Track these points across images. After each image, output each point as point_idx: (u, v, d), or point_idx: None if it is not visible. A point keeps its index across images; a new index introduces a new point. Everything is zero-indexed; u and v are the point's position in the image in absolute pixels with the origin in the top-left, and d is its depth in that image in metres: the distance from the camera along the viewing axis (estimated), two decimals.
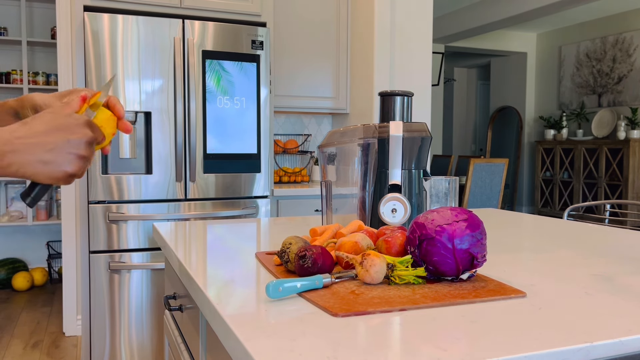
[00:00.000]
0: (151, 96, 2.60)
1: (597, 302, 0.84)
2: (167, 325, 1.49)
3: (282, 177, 3.44)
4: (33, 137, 0.61)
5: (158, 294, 2.65)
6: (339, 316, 0.76)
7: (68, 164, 0.62)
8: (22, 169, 0.60)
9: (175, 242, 1.32)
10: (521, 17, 6.35)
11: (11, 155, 0.59)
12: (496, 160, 4.99)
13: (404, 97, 1.32)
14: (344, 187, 1.33)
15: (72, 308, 3.23)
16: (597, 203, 2.35)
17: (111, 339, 2.58)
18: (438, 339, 0.67)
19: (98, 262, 2.54)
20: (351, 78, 3.46)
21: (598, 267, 1.09)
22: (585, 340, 0.67)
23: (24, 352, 2.94)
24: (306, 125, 3.72)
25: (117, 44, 2.54)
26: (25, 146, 0.60)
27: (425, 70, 3.35)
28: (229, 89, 2.73)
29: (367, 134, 1.28)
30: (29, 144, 0.60)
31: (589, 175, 7.38)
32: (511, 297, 0.86)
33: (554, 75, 8.36)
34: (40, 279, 4.23)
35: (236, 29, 2.74)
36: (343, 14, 3.44)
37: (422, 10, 3.32)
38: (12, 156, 0.59)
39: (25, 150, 0.60)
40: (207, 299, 0.86)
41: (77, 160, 0.63)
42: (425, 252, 0.92)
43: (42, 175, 0.61)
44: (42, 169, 0.61)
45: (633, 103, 7.10)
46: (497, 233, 1.52)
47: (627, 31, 7.19)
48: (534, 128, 8.70)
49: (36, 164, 0.60)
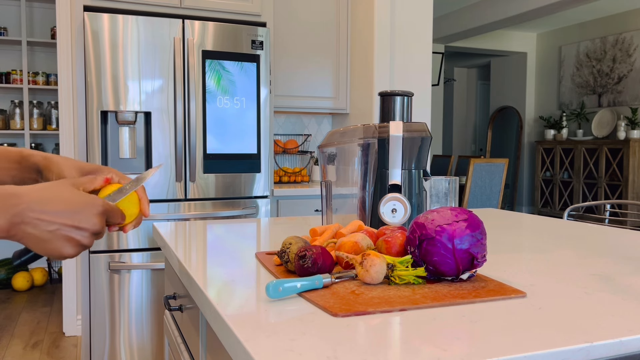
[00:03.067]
0: (151, 96, 2.60)
1: (597, 302, 0.84)
2: (167, 325, 1.49)
3: (282, 177, 3.44)
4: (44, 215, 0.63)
5: (158, 294, 2.65)
6: (339, 316, 0.76)
7: (66, 248, 0.64)
8: (24, 239, 0.62)
9: (175, 242, 1.32)
10: (521, 17, 6.36)
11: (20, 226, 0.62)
12: (496, 160, 4.99)
13: (404, 97, 1.32)
14: (344, 187, 1.33)
15: (72, 308, 3.23)
16: (597, 203, 2.35)
17: (111, 339, 2.58)
18: (438, 339, 0.67)
19: (98, 262, 2.54)
20: (351, 78, 3.46)
21: (598, 267, 1.09)
22: (585, 340, 0.67)
23: (24, 352, 2.94)
24: (306, 125, 3.72)
25: (117, 44, 2.54)
26: (34, 221, 0.62)
27: (425, 70, 3.35)
28: (229, 89, 2.73)
29: (367, 134, 1.28)
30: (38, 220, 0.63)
31: (589, 175, 7.38)
32: (511, 297, 0.86)
33: (554, 75, 8.36)
34: (40, 279, 4.23)
35: (236, 29, 2.74)
36: (343, 14, 3.44)
37: (422, 10, 3.32)
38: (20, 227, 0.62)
39: (33, 224, 0.62)
40: (207, 299, 0.86)
41: (76, 247, 0.65)
42: (425, 252, 0.92)
43: (38, 249, 0.63)
44: (41, 244, 0.63)
45: (633, 103, 7.10)
46: (497, 233, 1.52)
47: (627, 31, 7.19)
48: (534, 128, 8.70)
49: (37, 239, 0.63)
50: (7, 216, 0.61)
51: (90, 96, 2.51)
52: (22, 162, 0.79)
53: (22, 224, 0.62)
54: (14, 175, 0.78)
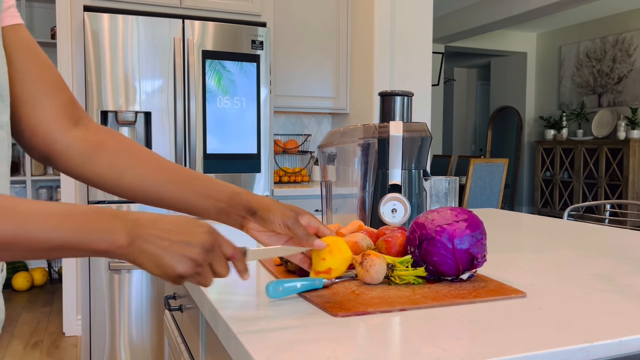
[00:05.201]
0: (151, 96, 2.60)
1: (597, 302, 0.84)
2: (167, 326, 1.49)
3: (282, 177, 3.44)
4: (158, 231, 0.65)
5: (158, 294, 2.65)
6: (339, 316, 0.76)
7: (179, 264, 0.65)
8: (140, 257, 0.64)
9: None
10: (521, 17, 6.35)
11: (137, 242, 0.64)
12: (496, 160, 4.99)
13: (404, 97, 1.32)
14: (344, 187, 1.33)
15: (72, 308, 3.23)
16: (597, 203, 2.35)
17: (111, 339, 2.58)
18: (438, 339, 0.67)
19: (98, 262, 2.54)
20: (351, 78, 3.46)
21: (598, 267, 1.09)
22: (585, 340, 0.67)
23: (24, 352, 2.94)
24: (306, 125, 3.72)
25: (117, 44, 2.54)
26: (150, 237, 0.64)
27: (425, 70, 3.35)
28: (229, 89, 2.73)
29: (367, 134, 1.28)
30: (153, 237, 0.64)
31: (589, 175, 7.38)
32: (511, 297, 0.86)
33: (554, 75, 8.36)
34: (40, 279, 4.23)
35: (236, 29, 2.74)
36: (343, 14, 3.44)
37: (422, 10, 3.32)
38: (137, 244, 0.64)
39: (149, 241, 0.64)
40: (207, 299, 0.86)
41: (189, 262, 0.65)
42: (425, 252, 0.92)
43: (152, 266, 0.64)
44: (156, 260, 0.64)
45: (633, 103, 7.10)
46: (497, 233, 1.52)
47: (627, 31, 7.19)
48: (534, 128, 8.70)
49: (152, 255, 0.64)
50: (127, 232, 0.63)
51: (90, 96, 2.51)
52: (235, 198, 0.81)
53: (139, 240, 0.63)
54: (222, 208, 0.80)
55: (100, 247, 0.62)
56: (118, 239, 0.62)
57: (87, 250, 0.61)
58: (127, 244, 0.63)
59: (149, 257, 0.64)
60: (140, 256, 0.64)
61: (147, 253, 0.63)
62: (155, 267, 0.64)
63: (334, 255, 0.79)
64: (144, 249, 0.63)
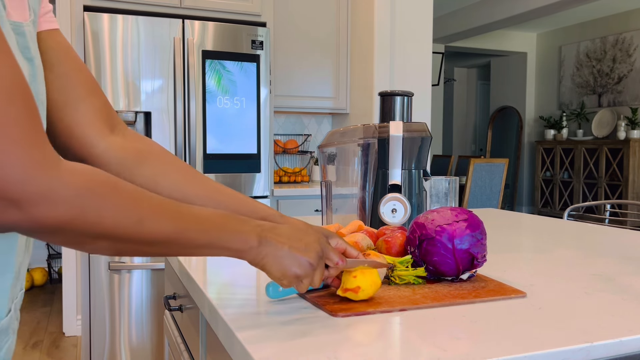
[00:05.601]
0: (151, 96, 2.60)
1: (597, 302, 0.84)
2: (167, 326, 1.49)
3: (282, 177, 3.44)
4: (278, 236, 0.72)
5: (158, 294, 2.65)
6: (339, 316, 0.76)
7: (295, 267, 0.72)
8: (265, 258, 0.71)
9: None
10: (521, 17, 6.35)
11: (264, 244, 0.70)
12: (496, 160, 4.99)
13: (404, 97, 1.32)
14: (344, 187, 1.33)
15: (72, 308, 3.23)
16: (597, 203, 2.35)
17: (111, 339, 2.58)
18: (438, 339, 0.67)
19: (98, 262, 2.54)
20: (351, 78, 3.46)
21: (598, 267, 1.09)
22: (585, 340, 0.67)
23: (24, 352, 2.94)
24: (306, 125, 3.72)
25: (117, 44, 2.54)
26: (272, 240, 0.71)
27: (425, 70, 3.35)
28: (229, 89, 2.73)
29: (367, 134, 1.28)
30: (275, 240, 0.71)
31: (589, 175, 7.38)
32: (511, 297, 0.86)
33: (554, 75, 8.36)
34: (40, 279, 4.23)
35: (236, 29, 2.74)
36: (343, 14, 3.44)
37: (422, 10, 3.32)
38: (264, 245, 0.70)
39: (272, 244, 0.71)
40: (207, 299, 0.86)
41: (306, 264, 0.72)
42: (425, 252, 0.92)
43: (274, 267, 0.71)
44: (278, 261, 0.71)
45: (633, 103, 7.10)
46: (497, 233, 1.52)
47: (627, 31, 7.19)
48: (534, 128, 8.70)
49: (275, 257, 0.71)
50: (256, 235, 0.70)
51: None
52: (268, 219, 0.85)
53: (265, 242, 0.70)
54: None
55: (235, 247, 0.68)
56: (250, 240, 0.69)
57: (224, 249, 0.68)
58: (257, 244, 0.70)
59: (272, 258, 0.71)
60: (265, 257, 0.70)
61: (270, 255, 0.71)
62: (277, 267, 0.71)
63: (364, 275, 0.81)
64: (268, 251, 0.70)
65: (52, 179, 0.50)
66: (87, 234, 0.55)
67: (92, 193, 0.54)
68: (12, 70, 0.49)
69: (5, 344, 0.64)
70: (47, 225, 0.51)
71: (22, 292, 0.69)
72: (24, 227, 0.51)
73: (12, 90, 0.49)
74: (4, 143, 0.47)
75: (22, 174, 0.48)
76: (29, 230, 0.52)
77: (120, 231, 0.57)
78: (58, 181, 0.51)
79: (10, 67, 0.49)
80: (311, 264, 0.73)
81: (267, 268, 0.71)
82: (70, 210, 0.52)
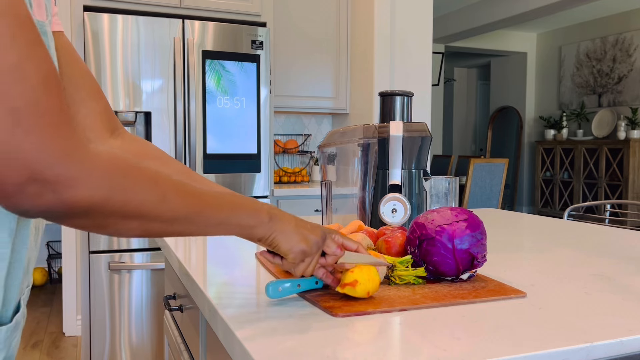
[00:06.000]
0: (151, 96, 2.60)
1: (597, 302, 0.84)
2: (167, 326, 1.49)
3: (282, 177, 3.44)
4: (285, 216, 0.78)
5: (158, 294, 2.65)
6: (339, 316, 0.76)
7: (303, 242, 0.77)
8: (275, 232, 0.75)
9: (175, 242, 1.32)
10: (521, 17, 6.35)
11: (275, 218, 0.75)
12: (496, 160, 4.99)
13: (404, 97, 1.32)
14: (344, 187, 1.33)
15: (72, 308, 3.23)
16: (597, 203, 2.35)
17: (111, 339, 2.58)
18: (438, 339, 0.67)
19: (98, 262, 2.54)
20: (351, 78, 3.46)
21: (598, 267, 1.09)
22: (585, 340, 0.67)
23: (24, 352, 2.94)
24: (306, 125, 3.72)
25: (116, 44, 2.54)
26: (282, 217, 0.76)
27: (425, 70, 3.35)
28: (229, 89, 2.73)
29: (367, 134, 1.28)
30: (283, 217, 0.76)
31: (589, 175, 7.38)
32: (511, 297, 0.86)
33: (554, 75, 8.36)
34: (40, 279, 4.23)
35: (236, 29, 2.74)
36: (343, 14, 3.44)
37: (422, 11, 3.32)
38: (275, 220, 0.75)
39: (282, 220, 0.76)
40: (207, 299, 0.86)
41: (313, 240, 0.78)
42: (425, 252, 0.92)
43: (284, 242, 0.76)
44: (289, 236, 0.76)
45: (633, 103, 7.10)
46: (497, 233, 1.52)
47: (627, 31, 7.19)
48: (534, 128, 8.70)
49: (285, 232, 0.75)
50: (267, 212, 0.74)
51: None
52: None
53: (275, 218, 0.75)
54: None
55: (248, 223, 0.72)
56: (262, 217, 0.73)
57: (237, 226, 0.71)
58: (267, 220, 0.74)
59: (281, 233, 0.75)
60: (274, 232, 0.75)
61: (279, 230, 0.75)
62: (285, 241, 0.75)
63: (362, 270, 0.82)
64: (278, 227, 0.75)
65: (84, 162, 0.53)
66: (116, 214, 0.57)
67: (119, 174, 0.56)
68: (46, 60, 0.51)
69: (14, 339, 0.65)
70: (80, 207, 0.53)
71: (28, 288, 0.70)
72: (57, 211, 0.53)
73: (47, 79, 0.51)
74: (40, 129, 0.49)
75: (57, 158, 0.50)
76: (62, 214, 0.53)
77: (147, 209, 0.59)
78: (89, 164, 0.53)
79: (45, 57, 0.51)
80: (317, 242, 0.78)
81: (276, 242, 0.75)
82: (101, 191, 0.54)
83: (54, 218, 0.54)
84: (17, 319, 0.64)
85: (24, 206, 0.51)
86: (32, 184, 0.50)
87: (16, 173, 0.49)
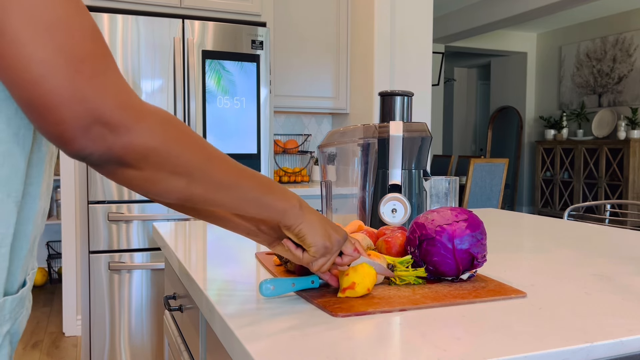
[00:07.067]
0: (151, 96, 2.60)
1: (597, 302, 0.84)
2: (167, 326, 1.49)
3: (282, 177, 3.44)
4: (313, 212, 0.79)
5: (158, 294, 2.65)
6: (339, 316, 0.76)
7: (324, 239, 0.77)
8: (304, 221, 0.76)
9: (175, 242, 1.32)
10: (521, 17, 6.35)
11: (303, 208, 0.76)
12: (496, 160, 4.99)
13: (404, 97, 1.32)
14: (344, 187, 1.33)
15: (72, 308, 3.23)
16: (597, 203, 2.35)
17: (111, 339, 2.58)
18: (438, 339, 0.67)
19: (98, 262, 2.54)
20: (351, 78, 3.46)
21: (598, 267, 1.09)
22: (585, 340, 0.67)
23: (24, 352, 2.94)
24: (306, 125, 3.72)
25: (116, 44, 2.54)
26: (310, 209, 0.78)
27: (425, 70, 3.35)
28: (229, 89, 2.73)
29: (367, 134, 1.28)
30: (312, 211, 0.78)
31: (589, 175, 7.38)
32: (511, 297, 0.86)
33: (554, 75, 8.36)
34: (40, 279, 4.23)
35: (236, 29, 2.74)
36: (343, 14, 3.44)
37: (422, 11, 3.32)
38: (304, 209, 0.76)
39: (310, 211, 0.77)
40: (207, 299, 0.86)
41: (336, 241, 0.78)
42: (425, 252, 0.92)
43: (310, 232, 0.76)
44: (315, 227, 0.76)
45: (633, 103, 7.10)
46: (497, 233, 1.52)
47: (627, 31, 7.19)
48: (534, 128, 8.70)
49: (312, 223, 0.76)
50: (297, 200, 0.76)
51: None
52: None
53: (305, 207, 0.76)
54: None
55: (280, 206, 0.73)
56: (293, 202, 0.75)
57: (268, 207, 0.72)
58: (299, 207, 0.75)
59: (308, 224, 0.76)
60: (303, 221, 0.75)
61: (307, 221, 0.76)
62: (311, 234, 0.76)
63: (356, 271, 0.82)
64: (306, 217, 0.76)
65: (141, 110, 0.56)
66: (167, 167, 0.59)
67: (172, 127, 0.59)
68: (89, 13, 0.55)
69: (19, 315, 0.66)
70: (137, 152, 0.56)
71: (34, 271, 0.71)
72: (116, 155, 0.55)
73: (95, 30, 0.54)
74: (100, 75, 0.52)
75: (118, 103, 0.53)
76: (119, 159, 0.56)
77: (195, 166, 0.61)
78: (146, 112, 0.56)
79: (88, 11, 0.54)
80: (339, 241, 0.79)
81: (303, 233, 0.76)
82: (157, 139, 0.57)
83: (110, 164, 0.56)
84: (23, 292, 0.65)
85: (87, 149, 0.53)
86: (95, 127, 0.52)
87: (81, 116, 0.51)
